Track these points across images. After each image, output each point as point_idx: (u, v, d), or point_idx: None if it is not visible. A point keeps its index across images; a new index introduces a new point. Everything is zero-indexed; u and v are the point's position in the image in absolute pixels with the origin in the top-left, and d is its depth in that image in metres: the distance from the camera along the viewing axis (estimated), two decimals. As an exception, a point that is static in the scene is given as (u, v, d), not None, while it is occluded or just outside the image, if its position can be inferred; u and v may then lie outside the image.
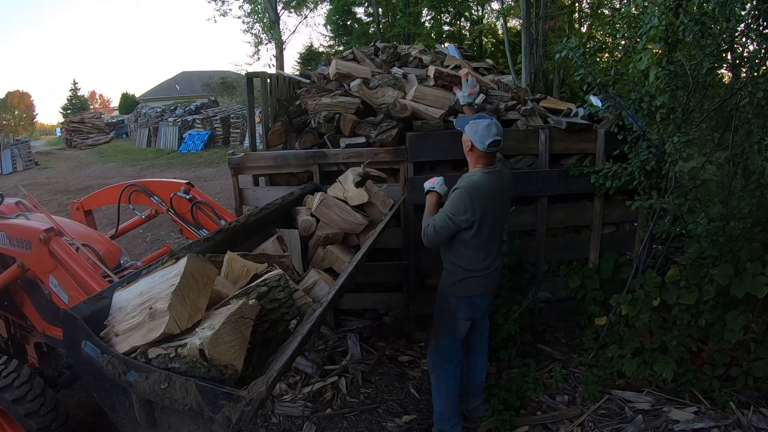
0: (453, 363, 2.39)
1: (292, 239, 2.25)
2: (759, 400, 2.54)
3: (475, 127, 2.15)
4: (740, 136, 2.77)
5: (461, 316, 2.33)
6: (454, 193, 2.17)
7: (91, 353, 1.19)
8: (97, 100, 56.68)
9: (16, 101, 50.43)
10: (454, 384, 2.41)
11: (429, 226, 2.20)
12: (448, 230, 2.16)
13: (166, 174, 12.27)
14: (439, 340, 2.39)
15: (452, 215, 2.13)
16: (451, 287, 2.31)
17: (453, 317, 2.34)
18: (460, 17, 20.06)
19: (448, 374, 2.38)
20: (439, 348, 2.39)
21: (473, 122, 2.18)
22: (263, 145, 3.52)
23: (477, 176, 2.18)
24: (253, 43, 22.55)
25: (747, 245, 2.54)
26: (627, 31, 3.05)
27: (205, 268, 1.31)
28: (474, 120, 2.19)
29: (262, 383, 1.07)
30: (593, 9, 14.98)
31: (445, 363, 2.38)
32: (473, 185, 2.13)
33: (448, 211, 2.15)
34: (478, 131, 2.14)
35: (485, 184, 2.16)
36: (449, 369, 2.38)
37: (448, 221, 2.14)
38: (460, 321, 2.34)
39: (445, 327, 2.37)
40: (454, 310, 2.33)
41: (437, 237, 2.19)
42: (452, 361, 2.38)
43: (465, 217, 2.11)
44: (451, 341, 2.36)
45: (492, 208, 2.19)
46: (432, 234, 2.18)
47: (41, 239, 1.98)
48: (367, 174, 2.69)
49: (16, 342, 2.65)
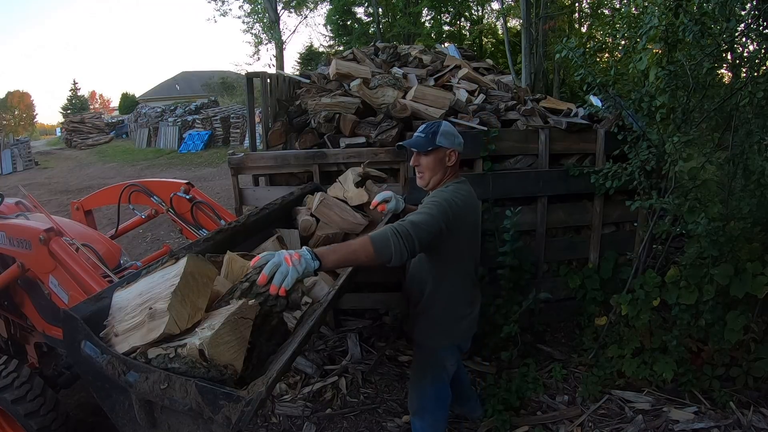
0: (444, 408, 2.14)
1: (292, 239, 2.25)
2: (759, 400, 2.54)
3: (450, 136, 1.88)
4: (740, 136, 2.77)
5: (449, 364, 2.04)
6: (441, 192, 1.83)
7: (91, 353, 1.19)
8: (97, 100, 56.75)
9: (16, 101, 50.42)
10: (443, 427, 2.19)
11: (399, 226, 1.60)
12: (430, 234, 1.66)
13: (166, 174, 12.28)
14: (424, 389, 2.08)
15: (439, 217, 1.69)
16: (439, 336, 1.97)
17: (441, 367, 2.04)
18: (460, 17, 20.07)
19: (438, 420, 2.14)
20: (427, 397, 2.08)
21: (443, 132, 1.87)
22: (263, 145, 3.52)
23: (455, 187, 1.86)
24: (253, 43, 22.61)
25: (747, 245, 2.54)
26: (627, 31, 3.06)
27: (205, 268, 1.31)
28: (442, 130, 1.88)
29: (262, 383, 1.07)
30: (593, 9, 14.98)
31: (436, 409, 2.11)
32: (456, 195, 1.81)
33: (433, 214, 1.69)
34: (456, 135, 1.90)
35: (468, 194, 1.88)
36: (439, 414, 2.13)
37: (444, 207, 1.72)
38: (450, 368, 2.06)
39: (431, 379, 2.05)
40: (442, 362, 2.02)
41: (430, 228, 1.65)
42: (443, 406, 2.13)
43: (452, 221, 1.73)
44: (440, 387, 2.07)
45: (473, 226, 1.91)
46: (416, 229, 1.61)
47: (41, 239, 1.97)
48: (367, 174, 2.68)
49: (16, 342, 2.65)
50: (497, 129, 3.12)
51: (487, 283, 3.12)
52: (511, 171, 3.19)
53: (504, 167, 3.22)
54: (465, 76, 3.95)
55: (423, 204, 1.82)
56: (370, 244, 1.54)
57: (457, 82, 3.87)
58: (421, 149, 1.90)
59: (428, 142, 1.87)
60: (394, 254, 1.56)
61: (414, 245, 1.60)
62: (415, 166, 1.95)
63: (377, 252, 1.54)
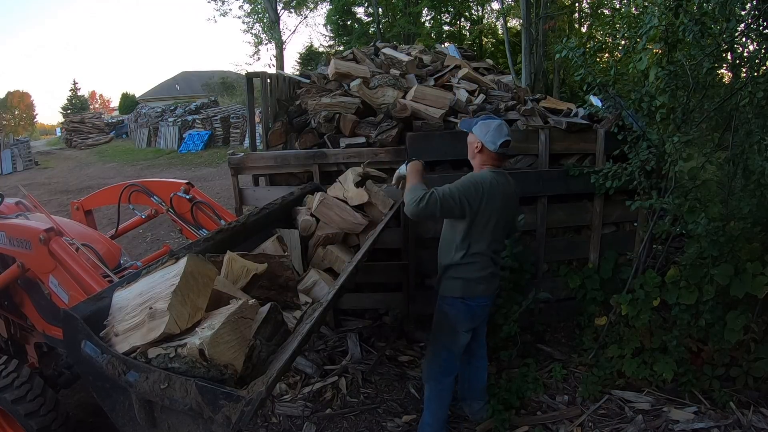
0: (450, 377, 2.30)
1: (292, 239, 2.25)
2: (759, 400, 2.54)
3: (485, 128, 2.10)
4: (740, 136, 2.77)
5: (461, 328, 2.23)
6: (463, 178, 2.07)
7: (91, 353, 1.19)
8: (97, 100, 56.77)
9: (16, 101, 50.46)
10: (447, 397, 2.34)
11: (430, 193, 1.96)
12: (451, 207, 1.99)
13: (166, 174, 12.27)
14: (437, 352, 2.30)
15: (461, 193, 2.00)
16: (452, 289, 2.20)
17: (453, 330, 2.23)
18: (460, 17, 20.09)
19: (444, 387, 2.30)
20: (437, 360, 2.29)
21: (482, 123, 2.12)
22: (263, 145, 3.52)
23: (486, 173, 2.10)
24: (253, 43, 22.63)
25: (747, 245, 2.54)
26: (627, 31, 3.06)
27: (205, 268, 1.31)
28: (483, 121, 2.14)
29: (262, 383, 1.07)
30: (593, 9, 14.99)
31: (442, 377, 2.29)
32: (482, 179, 2.06)
33: (457, 187, 2.02)
34: (489, 132, 2.09)
35: (495, 182, 2.08)
36: (445, 383, 2.30)
37: (457, 195, 1.99)
38: (461, 334, 2.24)
39: (444, 340, 2.27)
40: (454, 322, 2.22)
41: (437, 207, 1.97)
42: (449, 375, 2.30)
43: (470, 204, 2.01)
44: (449, 355, 2.27)
45: (499, 210, 2.10)
46: (434, 202, 1.96)
47: (41, 239, 1.97)
48: (367, 174, 2.69)
49: (16, 342, 2.64)
50: (497, 129, 3.11)
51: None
52: (511, 171, 3.18)
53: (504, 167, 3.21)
54: (465, 76, 3.95)
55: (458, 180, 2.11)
56: (410, 187, 2.05)
57: (457, 82, 3.87)
58: (465, 128, 2.24)
59: (470, 125, 2.19)
60: (409, 204, 1.97)
61: (436, 207, 1.97)
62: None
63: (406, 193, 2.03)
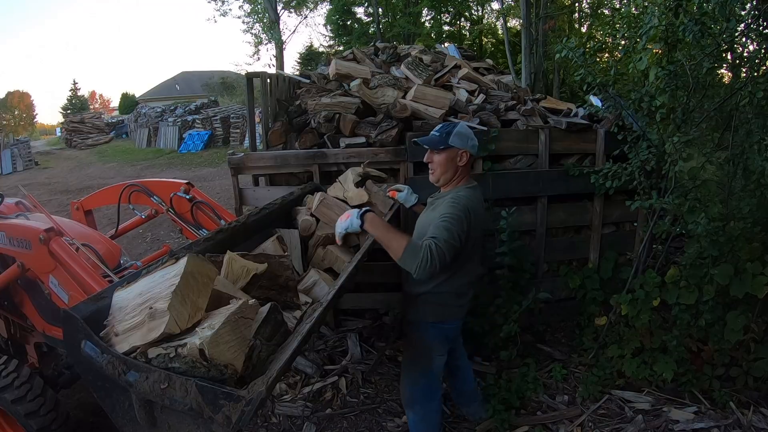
0: (435, 401, 2.19)
1: (292, 239, 2.25)
2: (759, 400, 2.54)
3: (463, 137, 1.95)
4: (740, 136, 2.77)
5: (436, 352, 2.11)
6: (451, 209, 1.87)
7: (91, 353, 1.19)
8: (97, 100, 56.81)
9: (16, 101, 50.45)
10: (435, 419, 2.22)
11: (430, 248, 1.72)
12: (455, 248, 1.80)
13: (166, 174, 12.28)
14: (416, 379, 2.15)
15: (459, 231, 1.82)
16: (427, 314, 2.06)
17: (428, 354, 2.10)
18: (460, 17, 20.09)
19: (430, 411, 2.18)
20: (417, 387, 2.15)
21: (458, 132, 1.95)
22: (263, 145, 3.52)
23: (468, 193, 1.96)
24: (253, 43, 22.61)
25: (747, 245, 2.54)
26: (627, 31, 3.05)
27: (205, 268, 1.31)
28: (457, 130, 1.96)
29: (262, 383, 1.07)
30: (593, 9, 14.99)
31: (426, 401, 2.16)
32: (468, 202, 1.90)
33: (452, 224, 1.81)
34: (469, 137, 1.96)
35: (476, 199, 1.97)
36: (431, 407, 2.18)
37: (456, 235, 1.80)
38: (436, 357, 2.11)
39: (422, 365, 2.13)
40: (429, 347, 2.09)
41: (446, 259, 1.76)
42: (433, 398, 2.18)
43: (465, 237, 1.86)
44: (429, 379, 2.14)
45: (482, 227, 2.03)
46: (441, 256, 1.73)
47: (41, 239, 1.97)
48: (367, 174, 2.69)
49: (16, 342, 2.65)
50: (497, 129, 3.12)
51: (487, 283, 3.12)
52: (511, 171, 3.19)
53: (504, 167, 3.22)
54: (465, 76, 3.95)
55: (442, 214, 1.86)
56: (402, 249, 1.75)
57: (457, 82, 3.87)
58: (434, 147, 2.00)
59: (441, 141, 1.97)
60: (419, 269, 1.72)
61: (445, 261, 1.76)
62: (428, 162, 2.05)
63: (403, 259, 1.76)
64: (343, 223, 1.90)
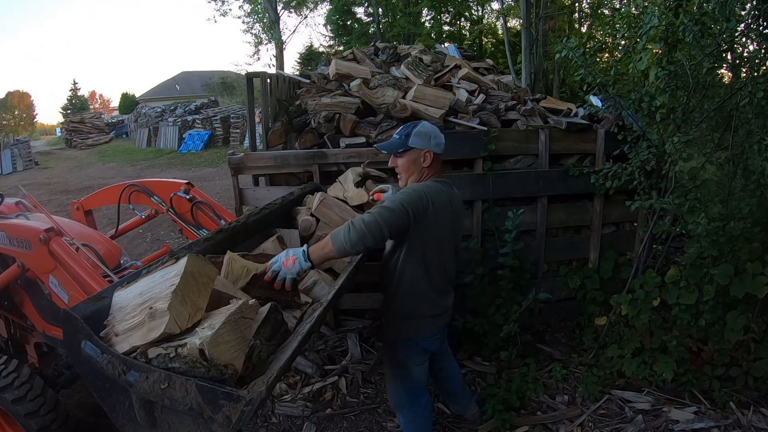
0: (421, 403, 2.12)
1: (292, 239, 2.25)
2: (759, 400, 2.54)
3: (424, 136, 1.87)
4: (740, 136, 2.77)
5: (414, 363, 2.03)
6: (402, 190, 1.82)
7: (91, 353, 1.19)
8: (97, 100, 56.83)
9: (16, 101, 50.44)
10: (424, 423, 2.17)
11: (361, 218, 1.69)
12: (395, 218, 1.70)
13: (166, 174, 12.28)
14: (397, 388, 2.11)
15: (405, 202, 1.73)
16: (398, 330, 1.99)
17: (405, 367, 2.03)
18: (460, 17, 20.09)
19: (417, 415, 2.13)
20: (399, 395, 2.12)
21: (417, 132, 1.87)
22: (263, 145, 3.52)
23: (429, 183, 1.86)
24: (253, 43, 22.62)
25: (747, 245, 2.54)
26: (627, 31, 3.05)
27: (205, 268, 1.31)
28: (416, 131, 1.88)
29: (262, 383, 1.07)
30: (593, 9, 14.99)
31: (412, 405, 2.11)
32: (426, 187, 1.82)
33: (399, 198, 1.75)
34: (432, 136, 1.88)
35: (441, 191, 1.85)
36: (418, 410, 2.12)
37: (399, 205, 1.72)
38: (414, 368, 2.03)
39: (402, 377, 2.07)
40: (404, 360, 2.02)
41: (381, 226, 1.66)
42: (419, 402, 2.11)
43: (416, 214, 1.74)
44: (411, 389, 2.08)
45: (445, 227, 1.88)
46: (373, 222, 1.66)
47: (41, 239, 1.97)
48: (367, 174, 2.69)
49: (16, 342, 2.65)
50: (497, 129, 3.12)
51: (487, 283, 3.12)
52: (511, 171, 3.19)
53: (504, 167, 3.22)
54: (465, 76, 3.95)
55: (394, 195, 1.88)
56: (330, 241, 1.68)
57: (457, 82, 3.87)
58: (393, 151, 1.93)
59: (400, 144, 1.90)
60: (353, 244, 1.66)
61: (382, 229, 1.68)
62: (393, 167, 1.98)
63: (337, 248, 1.67)
64: (293, 267, 1.62)
